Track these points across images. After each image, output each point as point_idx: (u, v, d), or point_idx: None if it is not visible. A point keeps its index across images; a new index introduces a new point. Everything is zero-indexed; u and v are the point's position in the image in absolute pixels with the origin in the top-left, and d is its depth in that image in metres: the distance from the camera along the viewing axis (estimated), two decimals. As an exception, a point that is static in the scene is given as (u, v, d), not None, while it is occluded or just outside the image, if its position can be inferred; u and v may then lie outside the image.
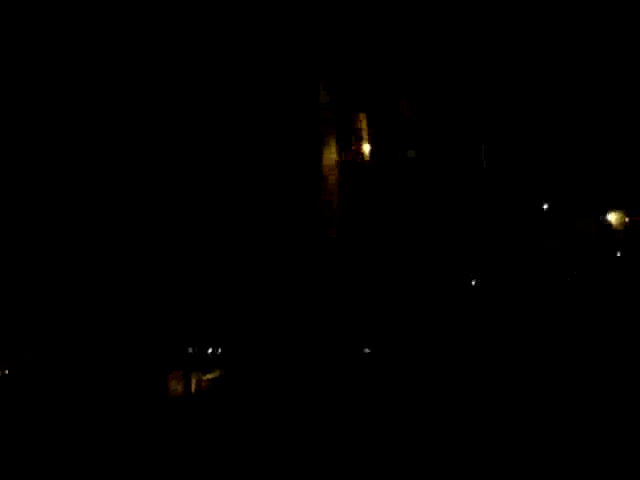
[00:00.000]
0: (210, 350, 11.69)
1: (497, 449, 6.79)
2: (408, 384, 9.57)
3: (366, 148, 11.79)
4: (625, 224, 11.68)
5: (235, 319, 11.46)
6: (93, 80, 10.63)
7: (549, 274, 10.99)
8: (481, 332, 10.74)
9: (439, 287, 11.39)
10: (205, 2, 10.62)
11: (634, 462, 5.89)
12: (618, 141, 11.47)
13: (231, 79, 11.04)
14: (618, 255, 11.47)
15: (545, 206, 11.34)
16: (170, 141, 10.94)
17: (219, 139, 11.11)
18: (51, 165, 10.71)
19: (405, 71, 11.38)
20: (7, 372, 10.27)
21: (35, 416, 9.37)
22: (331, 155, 11.58)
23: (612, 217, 11.69)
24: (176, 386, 11.02)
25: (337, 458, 7.37)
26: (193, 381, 11.20)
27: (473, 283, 11.37)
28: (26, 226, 10.66)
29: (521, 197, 11.50)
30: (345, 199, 11.52)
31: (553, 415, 7.51)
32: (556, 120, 11.42)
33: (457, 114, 11.59)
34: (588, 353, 9.12)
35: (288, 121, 11.26)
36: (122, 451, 8.32)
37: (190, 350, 11.57)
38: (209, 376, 11.40)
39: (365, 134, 11.72)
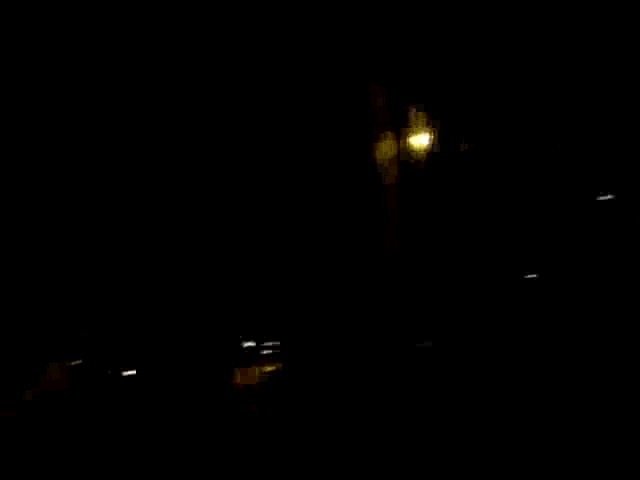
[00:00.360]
0: (270, 344, 12.08)
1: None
2: (466, 378, 9.53)
3: (423, 142, 11.79)
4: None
5: (293, 313, 11.79)
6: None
7: (607, 271, 10.59)
8: (540, 328, 10.52)
9: (496, 281, 11.24)
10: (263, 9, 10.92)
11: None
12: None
13: (289, 81, 11.32)
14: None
15: (607, 197, 10.94)
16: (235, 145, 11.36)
17: (281, 139, 11.44)
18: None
19: (460, 66, 11.27)
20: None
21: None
22: (389, 150, 11.69)
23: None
24: (239, 378, 11.50)
25: (392, 448, 7.45)
26: (254, 373, 11.64)
27: (530, 277, 11.15)
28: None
29: (581, 189, 11.15)
30: (403, 193, 11.60)
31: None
32: (617, 110, 10.98)
33: (514, 106, 11.36)
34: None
35: (346, 119, 11.45)
36: (194, 439, 8.79)
37: (250, 344, 12.01)
38: (269, 368, 11.80)
39: (422, 129, 11.73)
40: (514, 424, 7.51)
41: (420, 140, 11.78)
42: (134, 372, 11.08)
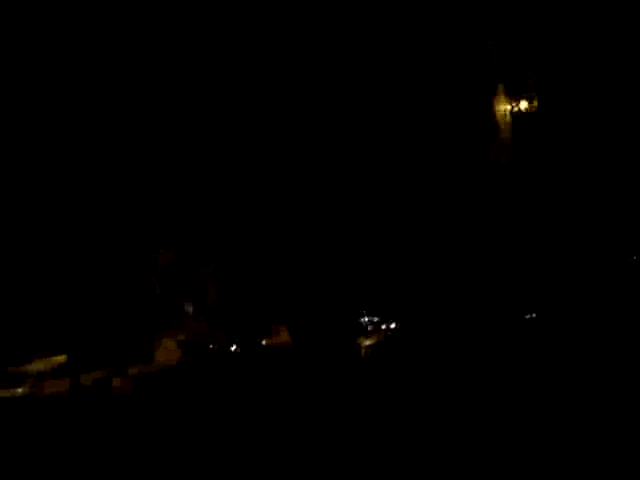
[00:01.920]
0: (367, 319, 12.01)
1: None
2: (573, 353, 9.20)
3: (534, 101, 11.61)
4: None
5: (394, 289, 11.65)
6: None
7: None
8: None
9: (611, 253, 10.79)
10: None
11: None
12: None
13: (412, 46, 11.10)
14: None
15: None
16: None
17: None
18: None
19: (570, 26, 10.85)
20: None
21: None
22: (502, 107, 11.57)
23: None
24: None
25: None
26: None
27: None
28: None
29: None
30: (516, 149, 11.47)
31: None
32: None
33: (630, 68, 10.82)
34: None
35: (462, 79, 11.29)
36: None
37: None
38: (368, 342, 11.78)
39: (533, 87, 11.54)
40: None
41: (533, 98, 11.57)
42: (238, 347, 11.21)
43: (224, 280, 11.40)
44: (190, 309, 11.21)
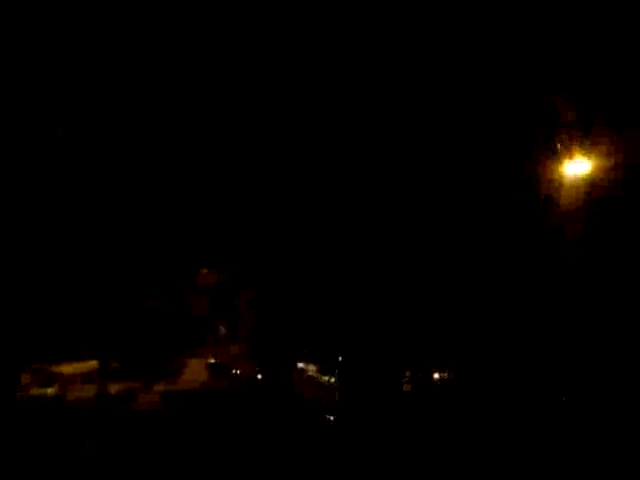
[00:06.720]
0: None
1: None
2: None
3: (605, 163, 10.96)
4: None
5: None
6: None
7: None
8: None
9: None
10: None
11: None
12: None
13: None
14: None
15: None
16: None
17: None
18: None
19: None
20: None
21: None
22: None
23: None
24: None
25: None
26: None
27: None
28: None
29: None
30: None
31: None
32: None
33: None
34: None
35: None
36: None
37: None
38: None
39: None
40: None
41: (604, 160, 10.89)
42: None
43: (261, 309, 11.50)
44: (223, 333, 11.36)
